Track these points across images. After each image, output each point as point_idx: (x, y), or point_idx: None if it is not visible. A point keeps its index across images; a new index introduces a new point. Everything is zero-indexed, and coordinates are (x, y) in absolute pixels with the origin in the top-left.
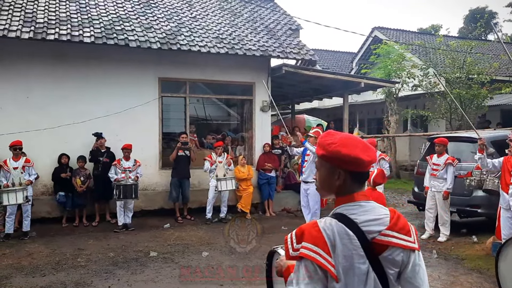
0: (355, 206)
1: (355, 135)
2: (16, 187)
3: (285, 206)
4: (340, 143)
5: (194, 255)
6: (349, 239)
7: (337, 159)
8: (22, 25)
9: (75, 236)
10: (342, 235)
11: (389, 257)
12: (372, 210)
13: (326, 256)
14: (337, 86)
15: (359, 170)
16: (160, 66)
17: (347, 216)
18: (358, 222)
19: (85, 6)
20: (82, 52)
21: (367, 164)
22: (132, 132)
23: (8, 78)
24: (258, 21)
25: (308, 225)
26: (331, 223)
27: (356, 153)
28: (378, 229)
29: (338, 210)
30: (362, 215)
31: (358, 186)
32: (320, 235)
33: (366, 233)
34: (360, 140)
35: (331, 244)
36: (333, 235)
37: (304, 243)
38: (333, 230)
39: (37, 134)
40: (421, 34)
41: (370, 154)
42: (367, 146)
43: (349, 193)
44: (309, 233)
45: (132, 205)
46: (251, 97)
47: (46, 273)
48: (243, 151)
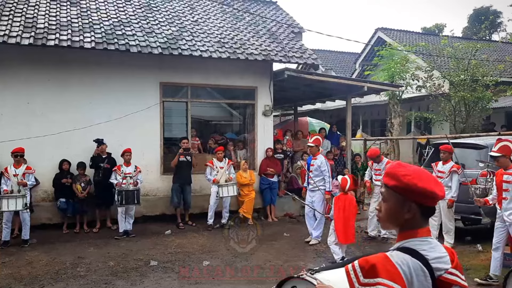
0: (424, 242)
1: (358, 136)
2: (15, 194)
3: (287, 211)
4: (415, 176)
5: (195, 264)
6: (424, 276)
7: (411, 192)
8: (22, 31)
9: (75, 243)
10: (418, 272)
11: None
12: (436, 247)
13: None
14: (340, 89)
15: (430, 204)
16: (161, 70)
17: (419, 252)
18: (429, 258)
19: (86, 10)
20: (83, 57)
21: (438, 199)
22: (133, 138)
23: (9, 84)
24: (260, 24)
25: (379, 259)
26: (405, 259)
27: (431, 187)
28: (445, 267)
29: (406, 245)
30: (431, 251)
31: (425, 221)
32: (396, 271)
33: (435, 270)
34: (431, 174)
35: (408, 281)
36: (409, 271)
37: (381, 279)
38: (409, 266)
39: (38, 140)
40: (425, 35)
41: (442, 189)
42: (438, 180)
43: (417, 227)
44: (384, 268)
45: (133, 211)
46: (253, 102)
47: (45, 283)
48: (245, 156)
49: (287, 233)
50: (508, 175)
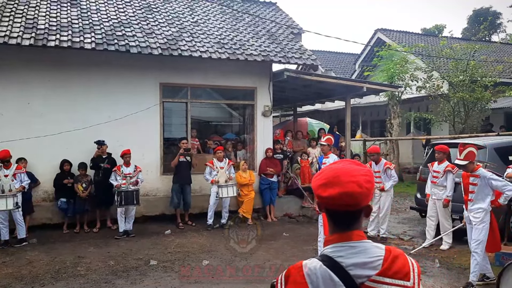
0: (344, 247)
1: (358, 137)
2: (6, 194)
3: (287, 211)
4: (317, 176)
5: (194, 263)
6: (334, 285)
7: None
8: (23, 32)
9: (75, 243)
10: (326, 281)
11: None
12: (363, 251)
13: None
14: (339, 90)
15: (330, 207)
16: (161, 71)
17: (333, 259)
18: (345, 265)
19: (86, 11)
20: (83, 58)
21: (325, 201)
22: (133, 138)
23: (9, 84)
24: (259, 25)
25: (294, 269)
26: (315, 267)
27: (314, 185)
28: (366, 273)
29: (325, 251)
30: (350, 257)
31: (341, 225)
32: (303, 281)
33: (354, 277)
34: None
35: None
36: (317, 281)
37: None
38: (317, 275)
39: (38, 141)
40: (424, 36)
41: (328, 190)
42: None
43: (336, 231)
44: (293, 279)
45: (133, 211)
46: (252, 102)
47: (45, 282)
48: (244, 156)
49: (287, 233)
50: (473, 177)
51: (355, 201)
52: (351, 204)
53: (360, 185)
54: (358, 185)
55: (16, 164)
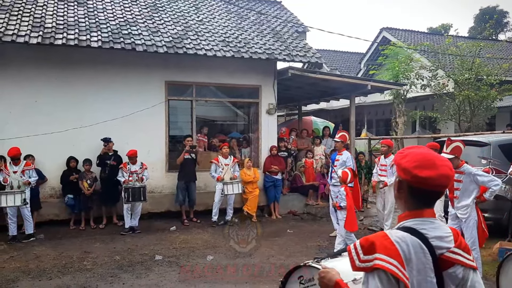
0: (425, 222)
1: (363, 136)
2: (15, 190)
3: (291, 209)
4: (404, 155)
5: (199, 258)
6: (423, 253)
7: (399, 170)
8: (30, 30)
9: (82, 239)
10: (417, 249)
11: (453, 274)
12: (440, 227)
13: (401, 268)
14: (344, 88)
15: (417, 185)
16: (166, 69)
17: (418, 231)
18: (429, 237)
19: (93, 10)
20: (89, 56)
21: (425, 182)
22: (138, 136)
23: (17, 82)
24: (264, 24)
25: (377, 236)
26: (404, 236)
27: (410, 166)
28: (447, 245)
29: (406, 224)
30: (432, 231)
31: (421, 203)
32: (394, 247)
33: (435, 248)
34: (429, 155)
35: (405, 258)
36: (407, 249)
37: (378, 255)
38: (407, 243)
39: (45, 138)
40: (430, 35)
41: (428, 172)
42: (434, 162)
43: (415, 208)
44: (381, 244)
45: (139, 208)
46: (257, 100)
47: (52, 276)
48: (249, 154)
49: (291, 230)
50: (458, 174)
51: (448, 182)
52: (445, 185)
53: (451, 168)
54: (450, 169)
55: (25, 161)
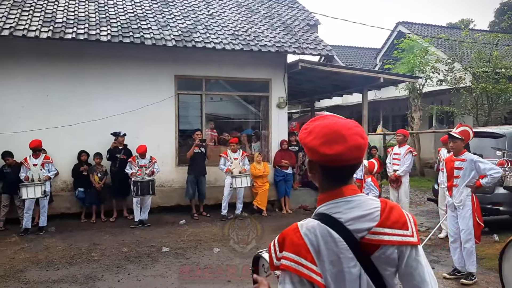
0: (340, 203)
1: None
2: (34, 182)
3: (302, 204)
4: (309, 131)
5: (205, 251)
6: (334, 242)
7: (305, 148)
8: (41, 25)
9: (92, 231)
10: (326, 238)
11: (382, 256)
12: (359, 205)
13: (310, 265)
14: (357, 81)
15: (324, 163)
16: (176, 63)
17: (330, 216)
18: (343, 221)
19: (103, 6)
20: (99, 51)
21: (328, 158)
22: (148, 130)
23: (29, 77)
24: (275, 18)
25: (289, 231)
26: (313, 226)
27: (314, 143)
28: (366, 226)
29: (321, 209)
30: (347, 212)
31: (338, 182)
32: (301, 242)
33: (353, 232)
34: (336, 125)
35: (315, 251)
36: (316, 240)
37: (285, 253)
38: (315, 233)
39: (57, 132)
40: (447, 28)
41: (335, 148)
42: (342, 133)
43: (329, 189)
44: (290, 241)
45: (149, 201)
46: (267, 94)
47: (60, 267)
48: (259, 148)
49: None
50: (459, 161)
51: (362, 153)
52: (358, 157)
53: (362, 136)
54: (361, 137)
55: (44, 154)
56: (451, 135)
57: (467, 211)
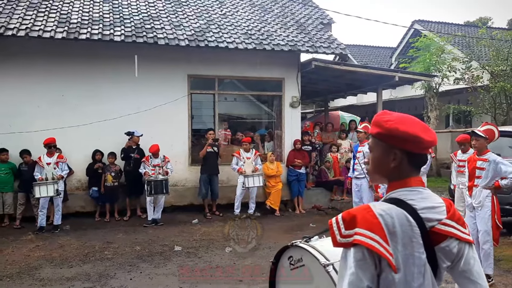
0: (413, 191)
1: None
2: (47, 181)
3: (315, 204)
4: (397, 121)
5: (218, 250)
6: (410, 226)
7: (394, 137)
8: (56, 26)
9: (106, 230)
10: (403, 221)
11: (446, 248)
12: (429, 197)
13: (384, 244)
14: (371, 80)
15: (417, 151)
16: (189, 63)
17: (405, 202)
18: (417, 208)
19: (117, 6)
20: (113, 51)
21: (426, 145)
22: (162, 129)
23: (44, 77)
24: (288, 16)
25: (359, 210)
26: (389, 208)
27: (415, 131)
28: (438, 217)
29: (392, 195)
30: (421, 201)
31: (414, 170)
32: (376, 220)
33: (425, 220)
34: (419, 120)
35: (389, 231)
36: (392, 221)
37: (359, 229)
38: (391, 215)
39: (71, 131)
40: (464, 27)
41: (431, 135)
42: (427, 126)
43: (405, 177)
44: (363, 218)
45: (162, 201)
46: (280, 93)
47: (73, 264)
48: (272, 148)
49: (314, 224)
50: (482, 161)
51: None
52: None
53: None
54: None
55: (57, 153)
56: (474, 132)
57: (486, 212)
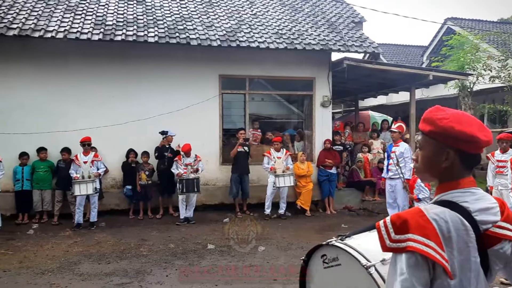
0: (466, 193)
1: None
2: (86, 179)
3: (346, 204)
4: (453, 119)
5: (250, 249)
6: (466, 230)
7: (448, 137)
8: (93, 28)
9: (140, 227)
10: (458, 225)
11: (500, 251)
12: (483, 198)
13: (439, 250)
14: (403, 79)
15: (472, 151)
16: (220, 63)
17: (459, 204)
18: (471, 210)
19: (151, 8)
20: (147, 51)
21: (482, 145)
22: (193, 129)
23: (81, 77)
24: (319, 15)
25: (411, 213)
26: (442, 212)
27: (472, 130)
28: (492, 219)
29: (444, 197)
30: (474, 203)
31: (467, 171)
32: (430, 225)
33: (479, 223)
34: (474, 118)
35: (444, 237)
36: (446, 226)
37: (412, 235)
38: (446, 219)
39: (106, 130)
40: (499, 24)
41: (487, 134)
42: (483, 125)
43: (457, 178)
44: (416, 223)
45: (194, 199)
46: (311, 93)
47: (111, 260)
48: (302, 147)
49: (345, 225)
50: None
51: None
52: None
53: None
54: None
55: (93, 152)
56: None
57: None
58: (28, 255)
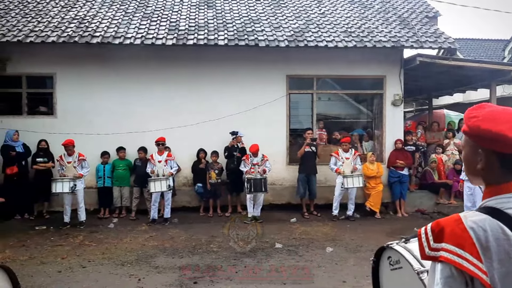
0: (511, 198)
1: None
2: (160, 177)
3: (419, 207)
4: (484, 117)
5: (318, 249)
6: (507, 240)
7: (476, 136)
8: (167, 33)
9: (210, 224)
10: (498, 235)
11: None
12: None
13: (475, 261)
14: (482, 76)
15: (506, 151)
16: (288, 63)
17: (502, 211)
18: None
19: (220, 12)
20: (215, 54)
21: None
22: (260, 129)
23: (155, 80)
24: (390, 12)
25: (449, 221)
26: (482, 220)
27: (501, 129)
28: None
29: (488, 203)
30: None
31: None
32: (466, 234)
33: None
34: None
35: (482, 247)
36: (485, 235)
37: (445, 245)
38: (485, 228)
39: (178, 131)
40: None
41: None
42: None
43: (503, 182)
44: (451, 232)
45: (261, 198)
46: (381, 91)
47: (183, 255)
48: (372, 147)
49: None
50: None
51: None
52: None
53: None
54: None
55: (167, 152)
56: None
57: None
58: (109, 247)
